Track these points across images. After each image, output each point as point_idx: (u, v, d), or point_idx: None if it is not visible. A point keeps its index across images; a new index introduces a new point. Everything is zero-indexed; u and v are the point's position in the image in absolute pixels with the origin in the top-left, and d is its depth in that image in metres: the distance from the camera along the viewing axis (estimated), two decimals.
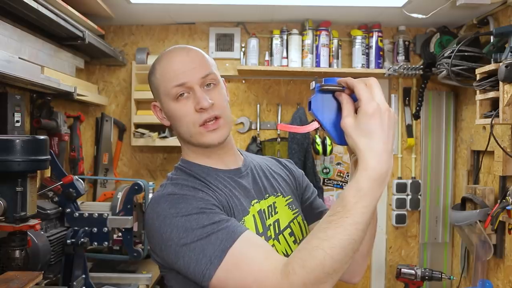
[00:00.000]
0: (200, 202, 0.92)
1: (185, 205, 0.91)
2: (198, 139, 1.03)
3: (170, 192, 0.96)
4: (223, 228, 0.87)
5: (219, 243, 0.85)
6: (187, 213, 0.89)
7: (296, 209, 1.15)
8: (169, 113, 1.05)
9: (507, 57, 1.89)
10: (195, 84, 1.01)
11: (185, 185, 0.98)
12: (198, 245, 0.86)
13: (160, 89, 1.04)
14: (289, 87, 2.88)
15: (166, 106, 1.04)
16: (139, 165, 2.94)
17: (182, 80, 1.00)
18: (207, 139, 1.02)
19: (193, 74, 1.01)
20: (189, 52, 1.04)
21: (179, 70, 1.01)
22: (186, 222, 0.88)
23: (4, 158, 1.27)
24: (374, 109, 0.80)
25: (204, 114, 1.00)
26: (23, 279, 1.26)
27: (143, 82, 2.78)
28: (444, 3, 2.24)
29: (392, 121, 0.81)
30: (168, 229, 0.89)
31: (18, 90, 2.01)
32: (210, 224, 0.87)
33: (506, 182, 2.23)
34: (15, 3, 1.66)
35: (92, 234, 1.93)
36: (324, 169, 2.90)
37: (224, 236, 0.86)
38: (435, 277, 2.43)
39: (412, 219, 2.92)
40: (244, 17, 2.78)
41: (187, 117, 1.01)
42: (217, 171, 1.06)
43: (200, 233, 0.86)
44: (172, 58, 1.04)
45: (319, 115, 0.89)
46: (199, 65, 1.03)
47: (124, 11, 2.55)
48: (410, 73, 2.72)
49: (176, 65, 1.02)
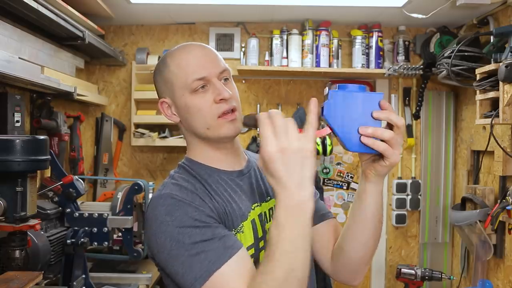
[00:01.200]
0: (196, 213, 0.92)
1: (181, 213, 0.92)
2: (216, 130, 1.02)
3: (168, 194, 0.96)
4: (213, 249, 0.88)
5: (206, 263, 0.87)
6: (181, 225, 0.90)
7: None
8: (185, 107, 1.03)
9: (507, 57, 1.89)
10: (214, 77, 1.02)
11: (184, 187, 0.98)
12: (187, 261, 0.88)
13: (175, 82, 1.03)
14: (289, 87, 2.88)
15: (182, 99, 1.03)
16: (139, 165, 2.94)
17: (203, 74, 1.01)
18: (224, 130, 1.02)
19: (212, 68, 1.03)
20: (205, 48, 1.07)
21: (198, 64, 1.02)
22: (179, 235, 0.89)
23: (4, 158, 1.27)
24: (269, 156, 0.81)
25: (224, 104, 1.01)
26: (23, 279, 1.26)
27: (143, 82, 2.78)
28: (444, 3, 2.24)
29: (299, 154, 0.80)
30: (162, 236, 0.91)
31: (18, 90, 2.01)
32: (201, 241, 0.89)
33: (506, 182, 2.23)
34: (15, 3, 1.66)
35: (92, 234, 1.93)
36: (324, 169, 2.90)
37: (212, 257, 0.87)
38: (435, 277, 2.43)
39: (412, 219, 2.92)
40: (244, 17, 2.78)
41: (205, 109, 1.01)
42: (219, 173, 1.06)
43: (191, 249, 0.88)
44: (189, 52, 1.05)
45: (330, 121, 0.89)
46: (216, 60, 1.05)
47: (124, 11, 2.55)
48: (410, 73, 2.72)
49: (197, 59, 1.03)
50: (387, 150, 0.88)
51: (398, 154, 0.89)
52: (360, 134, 0.88)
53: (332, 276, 1.15)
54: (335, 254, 1.11)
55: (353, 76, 2.86)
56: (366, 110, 0.89)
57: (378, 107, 0.89)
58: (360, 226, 1.02)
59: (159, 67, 1.08)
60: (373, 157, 0.94)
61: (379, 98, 0.89)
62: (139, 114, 2.79)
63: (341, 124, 0.89)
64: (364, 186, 0.98)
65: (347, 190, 2.93)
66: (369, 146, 0.88)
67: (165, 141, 2.74)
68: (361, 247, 1.04)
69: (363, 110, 0.89)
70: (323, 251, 1.14)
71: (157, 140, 2.73)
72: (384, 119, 0.89)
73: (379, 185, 0.97)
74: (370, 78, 2.90)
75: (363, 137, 0.88)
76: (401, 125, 0.88)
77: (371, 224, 1.01)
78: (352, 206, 1.04)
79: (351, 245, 1.05)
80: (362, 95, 0.89)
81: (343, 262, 1.09)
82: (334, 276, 1.14)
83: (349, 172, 2.92)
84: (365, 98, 0.89)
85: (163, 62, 1.07)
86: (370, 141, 0.87)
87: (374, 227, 1.01)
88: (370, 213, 0.99)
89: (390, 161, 0.89)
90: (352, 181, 2.93)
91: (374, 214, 1.00)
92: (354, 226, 1.03)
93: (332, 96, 0.89)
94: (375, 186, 0.97)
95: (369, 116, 0.88)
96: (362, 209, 1.00)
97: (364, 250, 1.04)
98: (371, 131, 0.87)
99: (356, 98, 0.89)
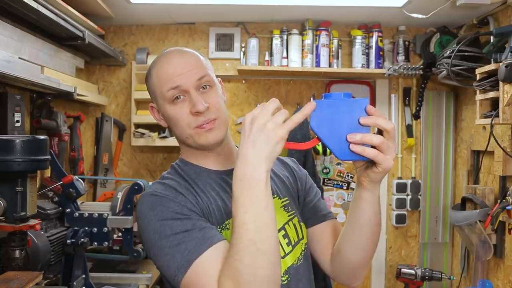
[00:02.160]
0: (177, 207, 0.95)
1: (162, 208, 0.95)
2: (194, 140, 1.04)
3: (152, 192, 0.99)
4: (193, 238, 0.90)
5: (187, 253, 0.89)
6: (163, 218, 0.93)
7: (292, 211, 1.13)
8: (165, 115, 1.06)
9: (507, 57, 1.89)
10: (191, 87, 1.01)
11: (168, 185, 1.01)
12: (170, 252, 0.90)
13: (156, 92, 1.06)
14: (289, 87, 2.88)
15: (162, 108, 1.05)
16: (139, 165, 2.94)
17: (177, 83, 1.01)
18: (202, 140, 1.03)
19: (188, 77, 1.02)
20: (184, 55, 1.06)
21: (174, 73, 1.02)
22: (161, 227, 0.93)
23: (4, 158, 1.27)
24: (243, 121, 0.86)
25: (200, 117, 1.02)
26: (23, 279, 1.26)
27: (143, 82, 2.78)
28: (444, 3, 2.24)
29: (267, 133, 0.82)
30: (146, 230, 0.95)
31: (18, 90, 2.01)
32: (182, 231, 0.91)
33: (506, 182, 2.23)
34: (15, 3, 1.66)
35: (92, 234, 1.93)
36: (324, 169, 2.90)
37: (192, 247, 0.89)
38: (435, 277, 2.43)
39: (412, 219, 2.92)
40: (244, 17, 2.78)
41: (183, 120, 1.02)
42: (209, 172, 1.07)
43: (172, 240, 0.91)
44: (166, 61, 1.05)
45: (318, 131, 0.88)
46: (194, 67, 1.03)
47: (124, 11, 2.55)
48: (410, 73, 2.72)
49: (171, 69, 1.03)
50: (377, 156, 0.85)
51: (391, 160, 0.87)
52: (348, 142, 0.86)
53: (332, 277, 1.15)
54: (334, 256, 1.11)
55: (353, 76, 2.86)
56: (353, 118, 0.87)
57: (364, 113, 0.87)
58: (357, 230, 1.02)
59: (147, 74, 1.10)
60: (366, 164, 0.93)
61: (365, 103, 0.87)
62: (139, 114, 2.79)
63: (329, 133, 0.87)
64: (360, 193, 0.96)
65: (347, 190, 2.93)
66: (359, 153, 0.86)
67: (165, 141, 2.74)
68: (359, 250, 1.04)
69: (349, 118, 0.87)
70: (324, 252, 1.14)
71: (157, 140, 2.73)
72: (371, 125, 0.87)
73: (375, 192, 0.96)
74: (370, 78, 2.90)
75: (352, 145, 0.86)
76: (390, 129, 0.86)
77: (368, 229, 1.00)
78: (349, 211, 1.03)
79: (348, 248, 1.05)
80: (346, 102, 0.87)
81: (342, 264, 1.09)
82: (334, 277, 1.14)
83: (349, 172, 2.92)
84: (350, 105, 0.87)
85: (149, 70, 1.09)
86: (360, 148, 0.85)
87: (372, 232, 1.01)
88: (367, 219, 0.99)
89: (383, 167, 0.87)
90: (352, 181, 2.93)
91: (371, 220, 0.99)
92: (351, 231, 1.03)
93: (318, 106, 0.87)
94: (371, 193, 0.95)
95: (356, 123, 0.87)
96: (358, 215, 0.99)
97: (362, 253, 1.04)
98: (359, 138, 0.85)
99: (341, 106, 0.87)
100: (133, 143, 2.77)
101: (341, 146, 0.87)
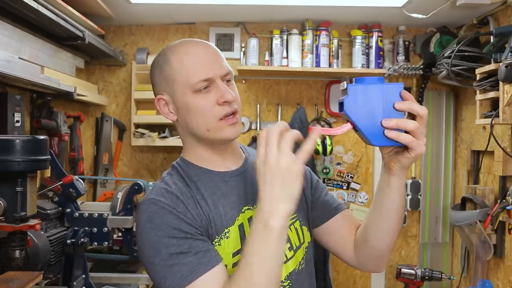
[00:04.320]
0: (176, 221, 0.92)
1: (161, 221, 0.92)
2: (216, 132, 1.00)
3: (152, 200, 0.96)
4: (187, 263, 0.89)
5: (179, 277, 0.88)
6: (159, 234, 0.91)
7: (294, 215, 1.11)
8: (185, 106, 1.00)
9: (507, 57, 1.89)
10: (218, 78, 1.00)
11: (170, 192, 0.98)
12: (162, 271, 0.90)
13: (178, 80, 1.00)
14: (289, 87, 2.88)
15: (183, 98, 1.00)
16: (139, 165, 2.94)
17: (210, 74, 0.99)
18: (225, 133, 1.00)
19: (217, 69, 1.00)
20: (209, 47, 1.05)
21: (204, 64, 0.99)
22: (157, 243, 0.91)
23: (4, 158, 1.27)
24: (255, 167, 0.85)
25: (226, 107, 0.99)
26: (23, 279, 1.26)
27: (143, 82, 2.78)
28: (444, 3, 2.24)
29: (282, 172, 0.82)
30: (142, 241, 0.94)
31: (18, 90, 2.01)
32: (177, 253, 0.89)
33: (506, 182, 2.23)
34: (15, 3, 1.66)
35: (92, 234, 1.93)
36: (324, 169, 2.90)
37: (185, 272, 0.88)
38: (435, 277, 2.43)
39: (412, 219, 2.92)
40: (244, 17, 2.78)
41: (207, 111, 0.99)
42: (211, 174, 1.04)
43: (166, 260, 0.90)
44: (195, 50, 1.02)
45: (352, 116, 0.87)
46: (221, 61, 1.03)
47: (124, 11, 2.55)
48: (410, 73, 2.72)
49: (201, 58, 1.00)
50: (412, 142, 0.85)
51: (423, 145, 0.86)
52: (383, 127, 0.86)
53: (357, 267, 1.15)
54: (358, 245, 1.10)
55: (352, 76, 2.86)
56: (387, 102, 0.86)
57: (399, 97, 0.86)
58: (385, 218, 1.01)
59: (158, 62, 1.04)
60: (396, 149, 0.92)
61: (399, 88, 0.87)
62: (139, 114, 2.79)
63: (362, 118, 0.86)
64: (388, 179, 0.95)
65: (347, 190, 2.93)
66: (393, 139, 0.85)
67: (165, 141, 2.74)
68: (387, 236, 1.04)
69: (384, 102, 0.86)
70: (344, 243, 1.13)
71: (157, 140, 2.73)
72: (406, 110, 0.86)
73: (403, 178, 0.95)
74: None
75: (387, 130, 0.85)
76: (424, 115, 0.86)
77: (397, 214, 1.00)
78: (375, 198, 1.02)
79: (376, 236, 1.04)
80: (381, 87, 0.86)
81: (368, 253, 1.09)
82: (360, 266, 1.14)
83: (349, 172, 2.92)
84: (385, 89, 0.86)
85: (164, 57, 1.03)
86: (395, 134, 0.85)
87: (400, 216, 1.01)
88: (395, 205, 0.98)
89: (416, 152, 0.87)
90: (352, 181, 2.93)
91: (399, 206, 0.98)
92: (379, 219, 1.02)
93: (352, 91, 0.86)
94: (399, 179, 0.95)
95: (391, 108, 0.86)
96: (386, 202, 0.98)
97: (390, 238, 1.04)
98: (395, 123, 0.85)
99: (376, 91, 0.86)
100: (133, 143, 2.77)
101: (375, 131, 0.86)
